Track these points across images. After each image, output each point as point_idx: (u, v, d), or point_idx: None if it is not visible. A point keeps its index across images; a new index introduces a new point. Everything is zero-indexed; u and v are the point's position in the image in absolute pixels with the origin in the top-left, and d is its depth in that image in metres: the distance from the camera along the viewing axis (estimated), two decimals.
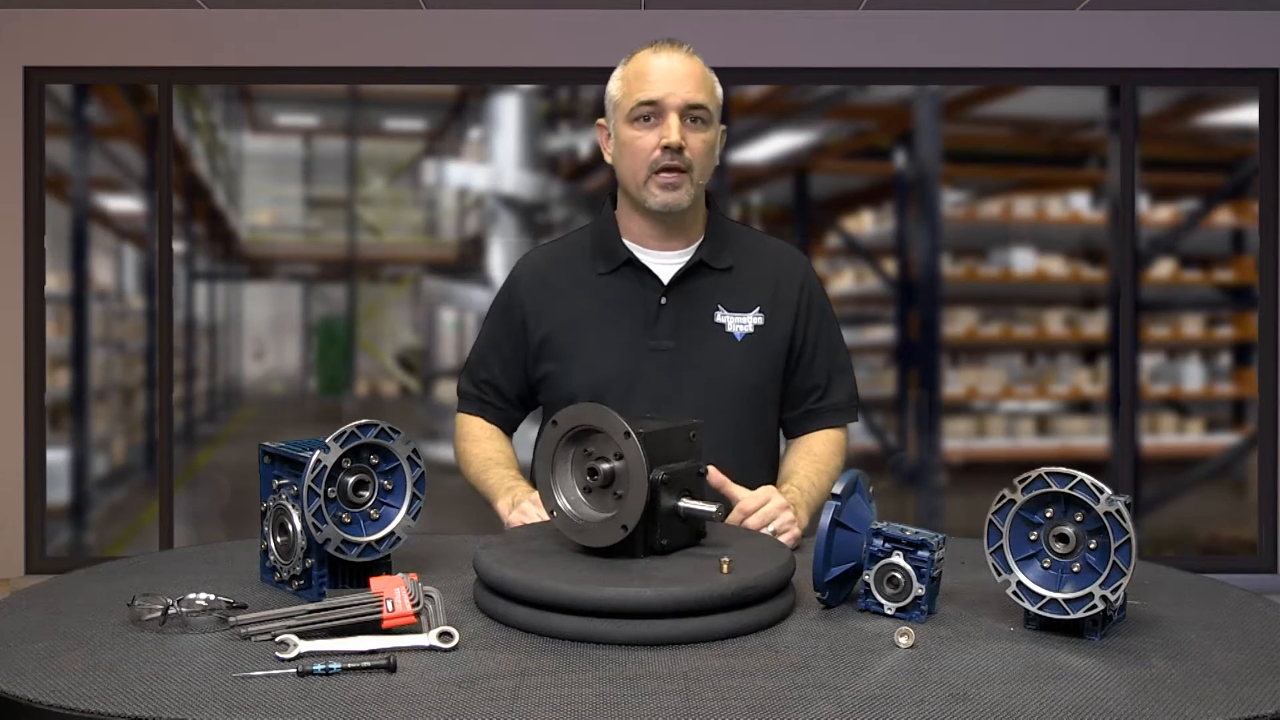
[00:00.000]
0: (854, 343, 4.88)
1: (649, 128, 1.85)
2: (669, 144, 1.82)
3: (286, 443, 1.52)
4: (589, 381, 1.86)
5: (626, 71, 1.90)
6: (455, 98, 4.83)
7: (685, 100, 1.83)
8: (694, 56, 1.88)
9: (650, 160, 1.84)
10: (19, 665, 1.20)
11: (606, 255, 1.94)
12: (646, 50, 1.89)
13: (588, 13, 4.49)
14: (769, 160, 4.87)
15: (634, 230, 1.94)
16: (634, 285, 1.91)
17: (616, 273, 1.93)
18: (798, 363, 1.97)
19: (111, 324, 4.85)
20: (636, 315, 1.90)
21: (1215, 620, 1.37)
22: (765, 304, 1.93)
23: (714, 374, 1.88)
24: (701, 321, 1.90)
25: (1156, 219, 4.79)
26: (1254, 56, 4.54)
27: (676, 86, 1.83)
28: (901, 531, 1.37)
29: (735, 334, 1.90)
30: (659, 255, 1.93)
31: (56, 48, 4.50)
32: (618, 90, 1.90)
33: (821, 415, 2.00)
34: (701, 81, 1.86)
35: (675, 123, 1.82)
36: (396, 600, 1.26)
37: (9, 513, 4.48)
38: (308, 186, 4.96)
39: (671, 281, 1.90)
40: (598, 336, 1.90)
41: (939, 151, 4.81)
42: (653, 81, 1.84)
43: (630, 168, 1.88)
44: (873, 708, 1.08)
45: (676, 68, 1.85)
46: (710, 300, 1.91)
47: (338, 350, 4.90)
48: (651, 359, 1.88)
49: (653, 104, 1.83)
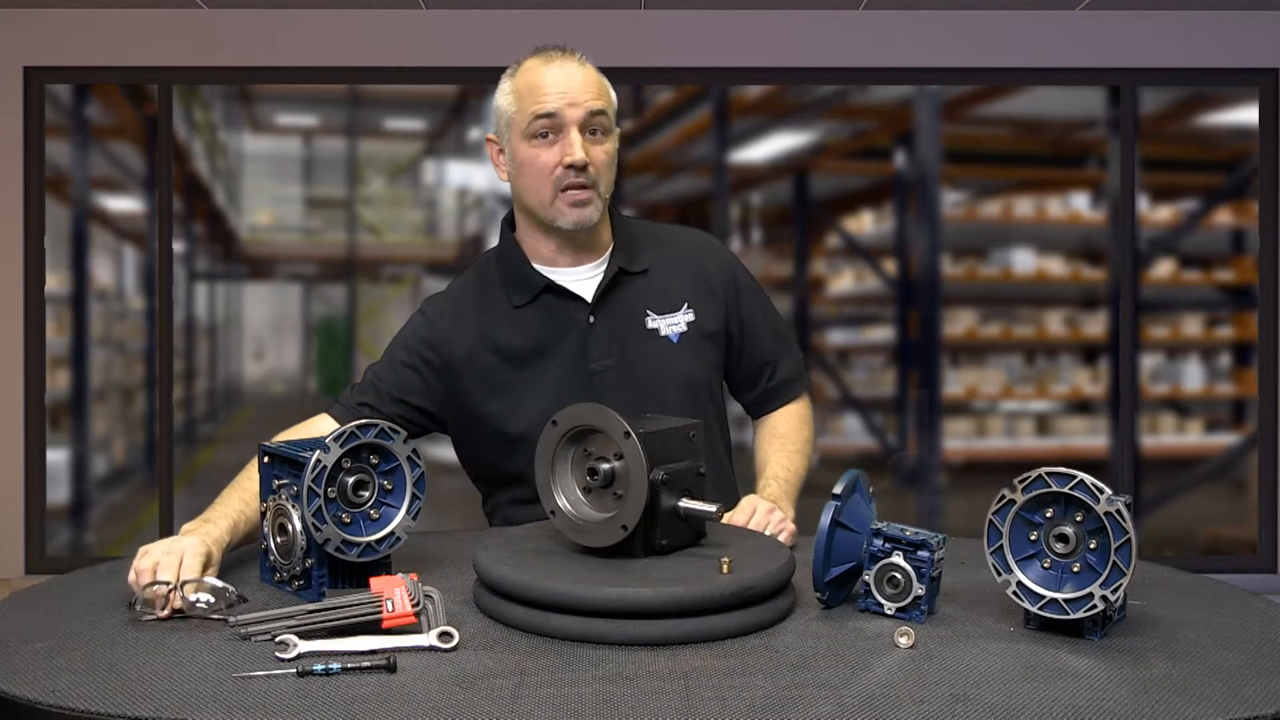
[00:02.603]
0: (854, 343, 4.88)
1: (548, 144, 1.76)
2: (573, 162, 1.74)
3: (286, 443, 1.53)
4: (535, 416, 1.69)
5: (517, 84, 1.80)
6: (455, 98, 4.83)
7: (586, 109, 1.75)
8: (586, 64, 1.79)
9: (554, 179, 1.76)
10: (19, 665, 1.20)
11: (520, 285, 1.84)
12: (535, 59, 1.80)
13: (588, 13, 4.49)
14: (769, 160, 4.86)
15: (542, 252, 1.86)
16: (558, 311, 1.84)
17: (536, 301, 1.84)
18: (741, 346, 1.95)
19: (111, 324, 4.85)
20: (570, 341, 1.83)
21: (1215, 620, 1.37)
22: (691, 298, 1.88)
23: (659, 380, 1.84)
24: (634, 331, 1.85)
25: (1156, 219, 4.79)
26: (1254, 56, 4.54)
27: (575, 96, 1.74)
28: (901, 531, 1.37)
29: (670, 336, 1.86)
30: (574, 273, 1.86)
31: (56, 48, 4.50)
32: (509, 104, 1.80)
33: (778, 392, 1.99)
34: (599, 88, 1.78)
35: (577, 138, 1.74)
36: (396, 600, 1.26)
37: (9, 513, 4.48)
38: (308, 186, 4.95)
39: (595, 298, 1.83)
40: (534, 372, 1.83)
41: (939, 151, 4.80)
42: (548, 93, 1.74)
43: (533, 187, 1.79)
44: (873, 708, 1.08)
45: (571, 76, 1.76)
46: (638, 308, 1.86)
47: (338, 350, 4.90)
48: (595, 381, 1.81)
49: (550, 116, 1.74)
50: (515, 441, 1.83)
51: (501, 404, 1.84)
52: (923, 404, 4.82)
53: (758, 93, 4.81)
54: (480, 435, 1.88)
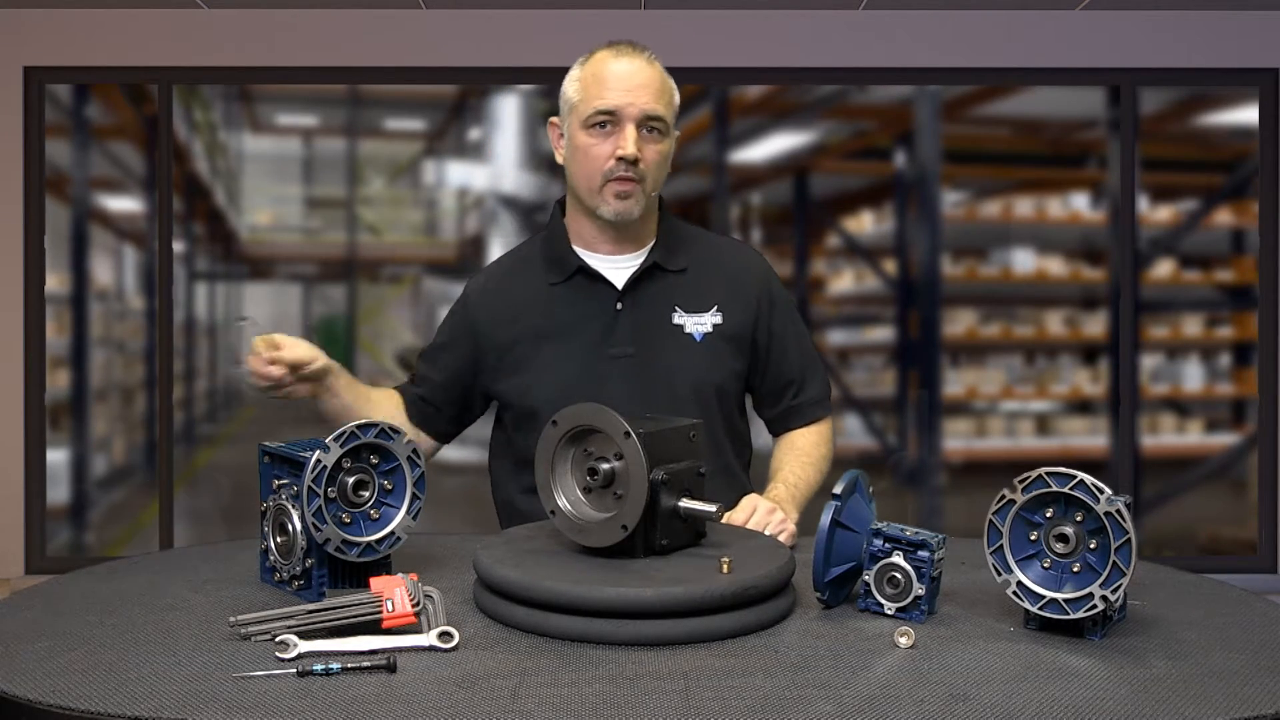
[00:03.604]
0: (854, 343, 4.88)
1: (604, 135, 1.82)
2: (624, 156, 1.79)
3: (286, 443, 1.53)
4: (550, 394, 1.82)
5: (584, 74, 1.85)
6: (455, 98, 4.83)
7: (643, 111, 1.80)
8: (654, 63, 1.84)
9: (604, 169, 1.82)
10: (19, 665, 1.20)
11: (558, 265, 1.91)
12: (606, 51, 1.85)
13: (588, 13, 4.49)
14: (769, 160, 4.86)
15: (585, 236, 1.92)
16: (588, 293, 1.89)
17: (569, 282, 1.90)
18: (767, 359, 1.96)
19: (111, 324, 4.85)
20: (593, 323, 1.87)
21: (1215, 620, 1.37)
22: (722, 303, 1.91)
23: (676, 376, 1.87)
24: (659, 324, 1.88)
25: (1156, 219, 4.79)
26: (1254, 56, 4.54)
27: (634, 96, 1.80)
28: (901, 531, 1.37)
29: (694, 334, 1.89)
30: (611, 260, 1.91)
31: (56, 48, 4.50)
32: (574, 92, 1.86)
33: (801, 411, 2.00)
34: (660, 91, 1.83)
35: (632, 134, 1.79)
36: (396, 600, 1.26)
37: (9, 513, 4.48)
38: (308, 186, 4.95)
39: (626, 286, 1.88)
40: (556, 348, 1.88)
41: (939, 151, 4.80)
42: (611, 89, 1.81)
43: (584, 174, 1.85)
44: (873, 708, 1.08)
45: (636, 75, 1.81)
46: (666, 302, 1.89)
47: (338, 350, 4.90)
48: (612, 366, 1.85)
49: (610, 114, 1.80)
50: (530, 417, 1.87)
51: (520, 379, 1.90)
52: (923, 404, 4.82)
53: (758, 93, 4.81)
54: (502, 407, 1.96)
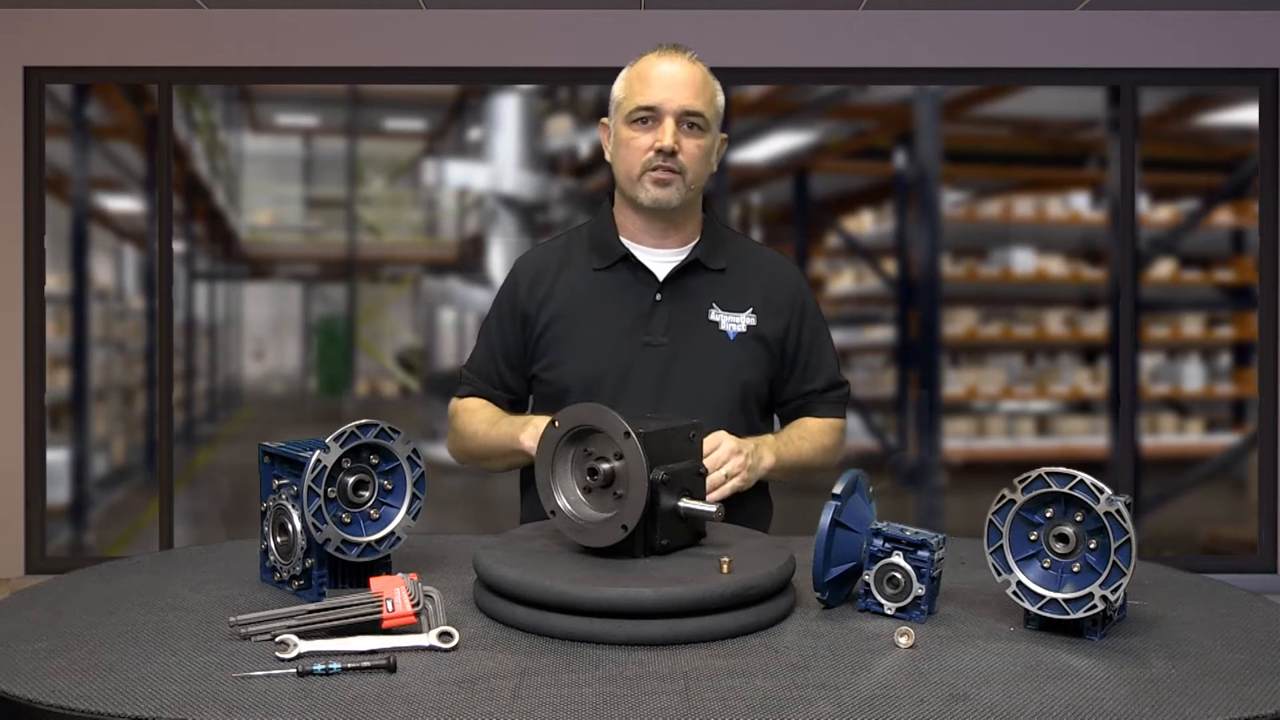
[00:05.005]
0: (854, 343, 4.88)
1: (646, 129, 1.90)
2: (662, 147, 1.87)
3: (286, 443, 1.53)
4: (582, 375, 1.90)
5: (631, 74, 1.95)
6: (455, 98, 4.83)
7: (682, 107, 1.88)
8: (697, 63, 1.92)
9: (644, 160, 1.89)
10: (19, 665, 1.20)
11: (603, 251, 1.97)
12: (652, 54, 1.94)
13: (588, 13, 4.49)
14: (769, 160, 4.86)
15: (630, 227, 1.98)
16: (629, 281, 1.95)
17: (612, 269, 1.96)
18: (793, 367, 2.01)
19: (111, 324, 4.85)
20: (631, 311, 1.93)
21: (1215, 620, 1.37)
22: (758, 306, 1.96)
23: (707, 370, 1.91)
24: (695, 319, 1.93)
25: (1156, 219, 4.79)
26: (1254, 56, 4.54)
27: (674, 93, 1.88)
28: (901, 531, 1.37)
29: (728, 332, 1.94)
30: (655, 253, 1.96)
31: (56, 48, 4.50)
32: (620, 91, 1.96)
33: (814, 408, 2.04)
34: (700, 89, 1.90)
35: (670, 127, 1.87)
36: (396, 600, 1.26)
37: (9, 513, 4.48)
38: (308, 186, 4.95)
39: (667, 279, 1.94)
40: (592, 331, 1.93)
41: (939, 151, 4.80)
42: (652, 86, 1.89)
43: (625, 165, 1.93)
44: (873, 708, 1.08)
45: (677, 74, 1.90)
46: (705, 298, 1.94)
47: (338, 350, 4.90)
48: (645, 354, 1.90)
49: (650, 109, 1.88)
50: (561, 396, 1.91)
51: (554, 358, 1.94)
52: (923, 404, 4.82)
53: (758, 93, 4.81)
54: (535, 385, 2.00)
